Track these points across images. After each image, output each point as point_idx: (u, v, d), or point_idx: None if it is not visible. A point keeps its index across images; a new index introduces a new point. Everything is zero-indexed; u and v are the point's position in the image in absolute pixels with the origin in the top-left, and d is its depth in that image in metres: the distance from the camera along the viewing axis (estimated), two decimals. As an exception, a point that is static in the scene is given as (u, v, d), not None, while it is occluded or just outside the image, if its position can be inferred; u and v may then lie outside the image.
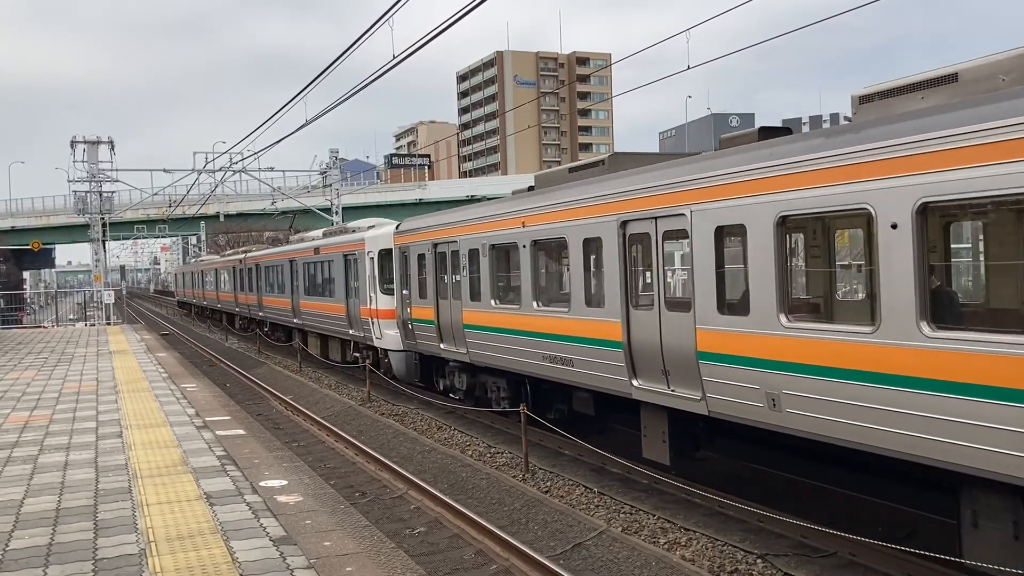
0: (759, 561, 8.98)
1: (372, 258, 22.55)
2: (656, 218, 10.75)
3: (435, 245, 18.18)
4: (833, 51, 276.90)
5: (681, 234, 10.47)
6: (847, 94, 8.80)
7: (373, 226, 24.03)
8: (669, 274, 11.68)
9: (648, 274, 11.48)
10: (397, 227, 21.31)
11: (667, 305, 10.78)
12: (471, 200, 72.21)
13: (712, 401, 9.82)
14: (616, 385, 11.72)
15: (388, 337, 21.35)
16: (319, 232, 31.02)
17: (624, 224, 11.39)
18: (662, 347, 10.71)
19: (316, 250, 27.99)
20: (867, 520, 9.76)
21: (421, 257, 19.08)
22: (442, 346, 17.93)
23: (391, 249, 21.48)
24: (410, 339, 19.92)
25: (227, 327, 45.96)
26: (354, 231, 25.01)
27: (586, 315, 12.44)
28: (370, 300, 22.46)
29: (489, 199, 48.35)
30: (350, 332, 24.45)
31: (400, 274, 20.51)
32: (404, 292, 20.22)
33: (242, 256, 41.93)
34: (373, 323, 22.13)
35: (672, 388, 10.59)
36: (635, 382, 11.31)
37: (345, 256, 24.82)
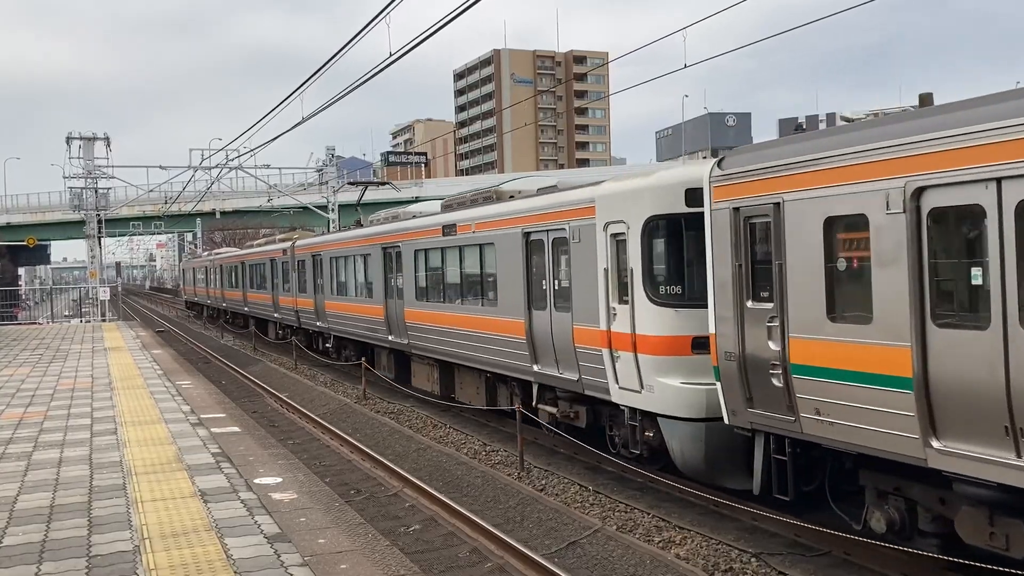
0: (753, 560, 8.99)
1: (620, 236, 11.71)
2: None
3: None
4: (829, 50, 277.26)
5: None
6: (843, 93, 8.65)
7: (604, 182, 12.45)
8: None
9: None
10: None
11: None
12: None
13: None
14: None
15: (667, 392, 10.84)
16: (437, 205, 19.93)
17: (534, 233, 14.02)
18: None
19: (449, 228, 17.23)
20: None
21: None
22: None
23: (678, 218, 11.02)
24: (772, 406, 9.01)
25: (257, 335, 36.44)
26: (533, 194, 14.79)
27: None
28: (608, 314, 11.91)
29: None
30: (536, 368, 14.04)
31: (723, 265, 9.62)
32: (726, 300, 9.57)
33: (287, 245, 32.02)
34: (616, 360, 11.75)
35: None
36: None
37: (533, 236, 13.94)
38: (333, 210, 51.24)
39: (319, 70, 18.57)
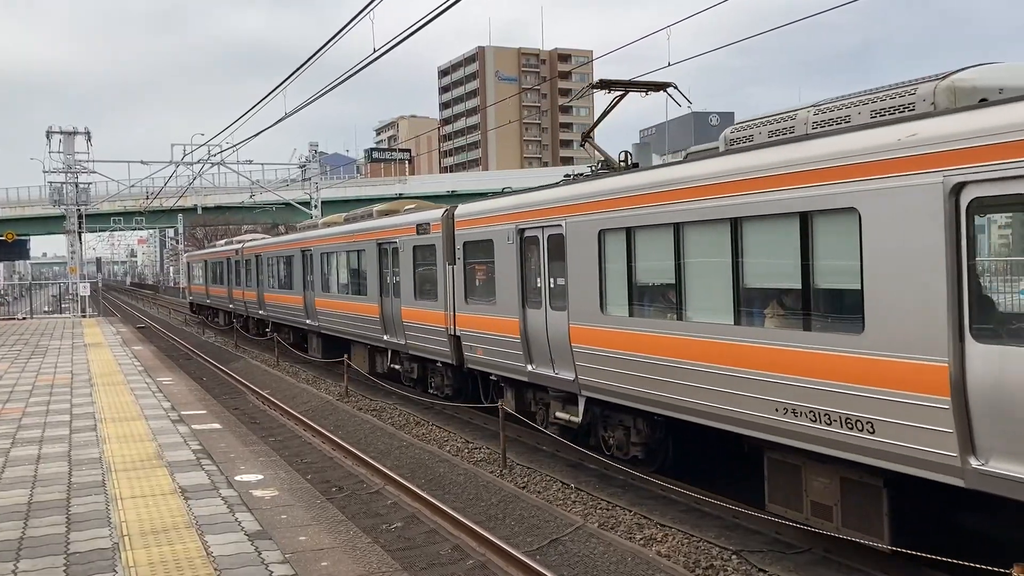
0: (734, 557, 9.04)
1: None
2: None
3: None
4: (812, 50, 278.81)
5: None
6: (826, 92, 8.69)
7: None
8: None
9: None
10: None
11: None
12: (452, 196, 72.09)
13: None
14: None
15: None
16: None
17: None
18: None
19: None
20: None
21: None
22: None
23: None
24: None
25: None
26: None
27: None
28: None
29: (470, 195, 48.29)
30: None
31: None
32: None
33: (384, 224, 20.09)
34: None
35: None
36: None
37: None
38: (316, 206, 51.04)
39: (302, 65, 18.49)
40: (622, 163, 13.27)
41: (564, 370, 12.71)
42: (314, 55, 17.23)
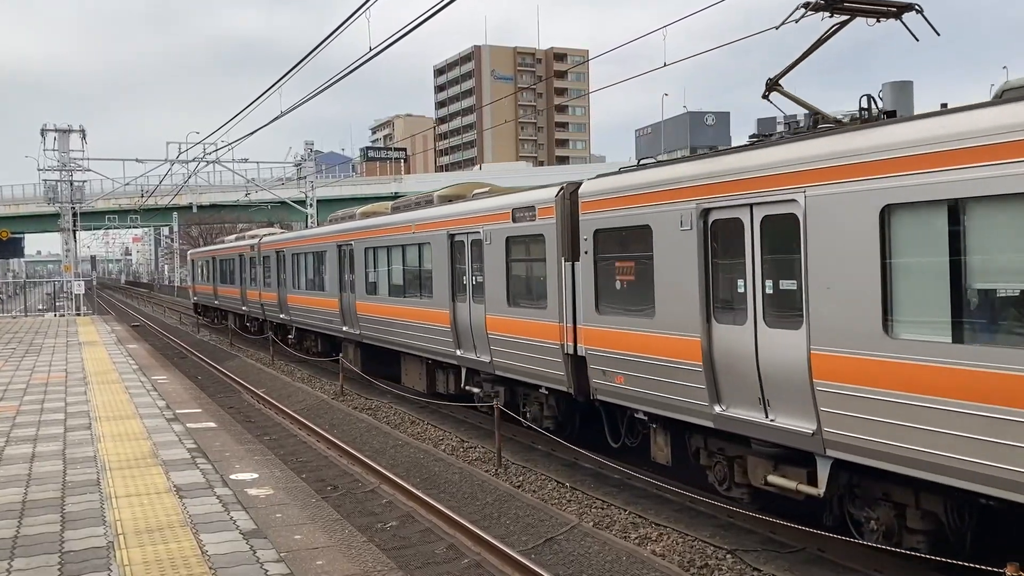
0: (729, 556, 9.06)
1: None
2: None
3: None
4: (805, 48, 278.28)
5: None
6: (819, 94, 8.67)
7: None
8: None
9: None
10: None
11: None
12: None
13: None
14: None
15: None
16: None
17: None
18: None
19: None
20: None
21: None
22: None
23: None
24: None
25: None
26: None
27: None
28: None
29: None
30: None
31: None
32: None
33: (460, 211, 16.41)
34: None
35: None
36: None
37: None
38: (311, 205, 51.00)
39: (298, 64, 18.46)
40: (863, 112, 8.96)
41: (787, 414, 8.68)
42: (310, 54, 17.22)
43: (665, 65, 18.28)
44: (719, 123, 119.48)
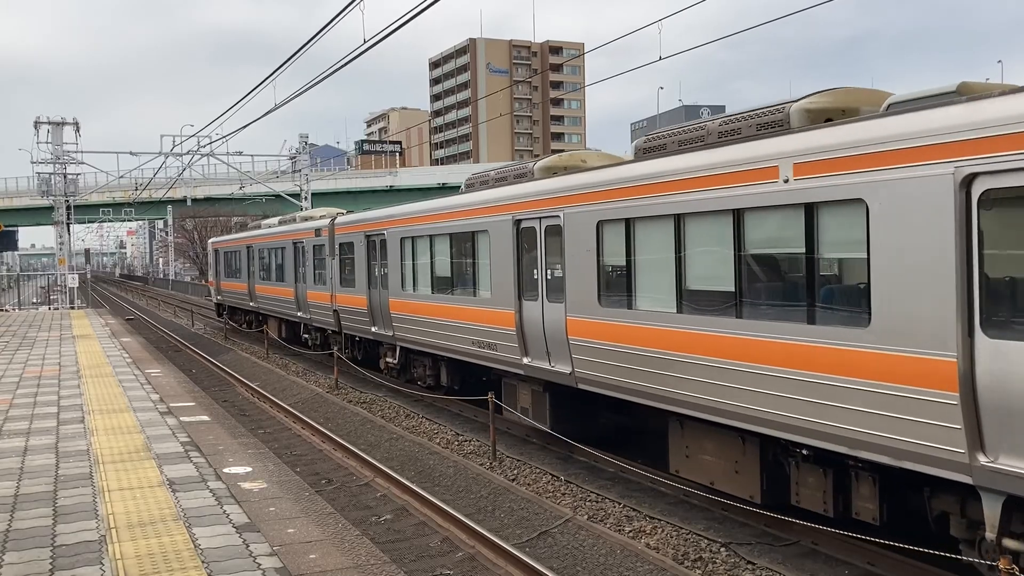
0: (722, 549, 9.06)
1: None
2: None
3: None
4: (801, 43, 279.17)
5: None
6: (816, 85, 8.88)
7: None
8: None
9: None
10: None
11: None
12: (442, 188, 71.97)
13: None
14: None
15: None
16: None
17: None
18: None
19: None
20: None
21: None
22: None
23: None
24: None
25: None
26: None
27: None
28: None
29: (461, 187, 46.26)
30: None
31: None
32: None
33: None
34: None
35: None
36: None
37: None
38: (306, 198, 50.91)
39: (292, 56, 18.39)
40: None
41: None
42: (304, 46, 17.15)
43: (661, 59, 18.26)
44: (714, 116, 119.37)
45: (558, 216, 12.33)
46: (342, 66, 17.38)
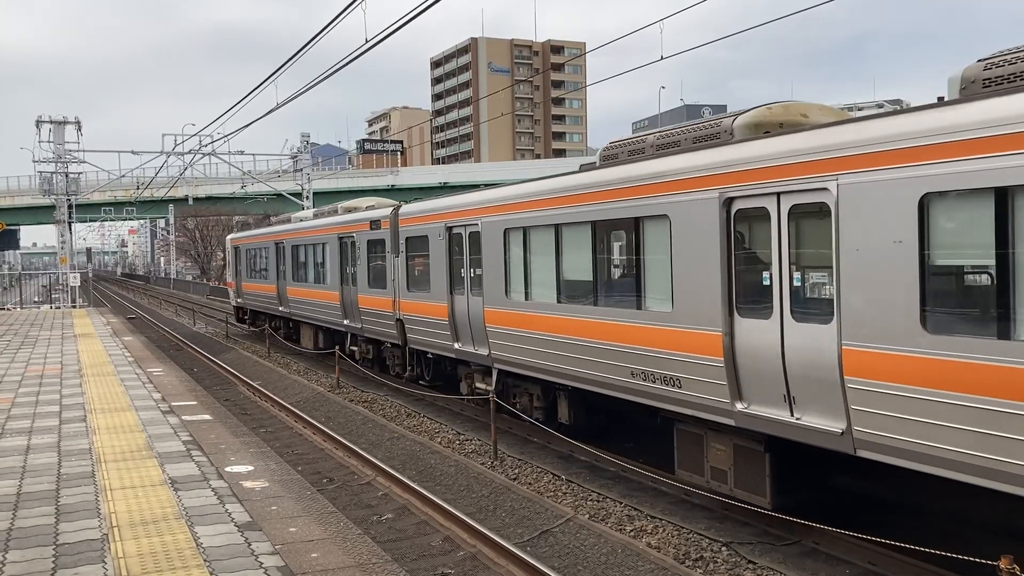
0: (724, 549, 9.07)
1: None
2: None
3: None
4: (803, 42, 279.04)
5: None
6: (815, 85, 8.90)
7: None
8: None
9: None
10: None
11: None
12: (444, 187, 71.97)
13: None
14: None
15: None
16: None
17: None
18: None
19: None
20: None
21: None
22: None
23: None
24: None
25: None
26: None
27: None
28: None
29: (462, 187, 45.88)
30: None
31: None
32: None
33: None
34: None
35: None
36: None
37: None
38: (308, 197, 50.93)
39: (294, 56, 18.41)
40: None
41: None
42: (306, 46, 17.16)
43: (663, 58, 18.28)
44: (715, 115, 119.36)
45: (828, 187, 8.08)
46: (344, 65, 17.40)
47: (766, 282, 8.94)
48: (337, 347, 21.59)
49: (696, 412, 9.94)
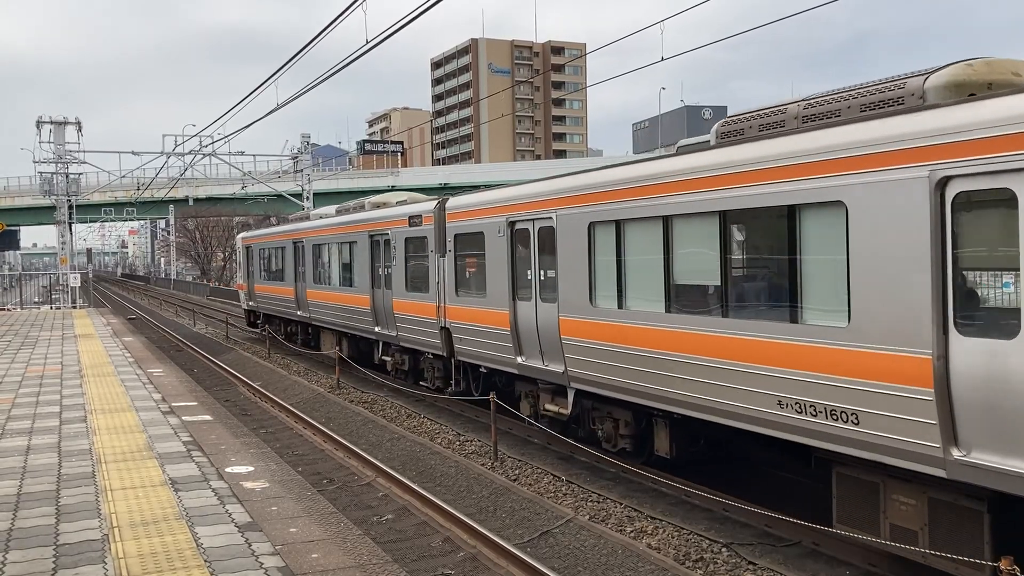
0: (724, 550, 9.07)
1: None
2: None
3: None
4: (803, 43, 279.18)
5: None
6: (816, 87, 8.58)
7: None
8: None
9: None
10: None
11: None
12: (444, 188, 71.97)
13: None
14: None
15: None
16: None
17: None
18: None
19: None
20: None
21: None
22: None
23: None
24: None
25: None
26: None
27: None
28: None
29: (463, 187, 45.89)
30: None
31: None
32: None
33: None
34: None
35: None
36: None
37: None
38: (308, 198, 50.93)
39: (294, 57, 18.41)
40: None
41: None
42: (306, 46, 17.17)
43: (663, 59, 18.27)
44: (716, 117, 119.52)
45: None
46: (344, 66, 17.41)
47: (1008, 288, 6.85)
48: (337, 348, 21.59)
49: (882, 457, 7.65)
